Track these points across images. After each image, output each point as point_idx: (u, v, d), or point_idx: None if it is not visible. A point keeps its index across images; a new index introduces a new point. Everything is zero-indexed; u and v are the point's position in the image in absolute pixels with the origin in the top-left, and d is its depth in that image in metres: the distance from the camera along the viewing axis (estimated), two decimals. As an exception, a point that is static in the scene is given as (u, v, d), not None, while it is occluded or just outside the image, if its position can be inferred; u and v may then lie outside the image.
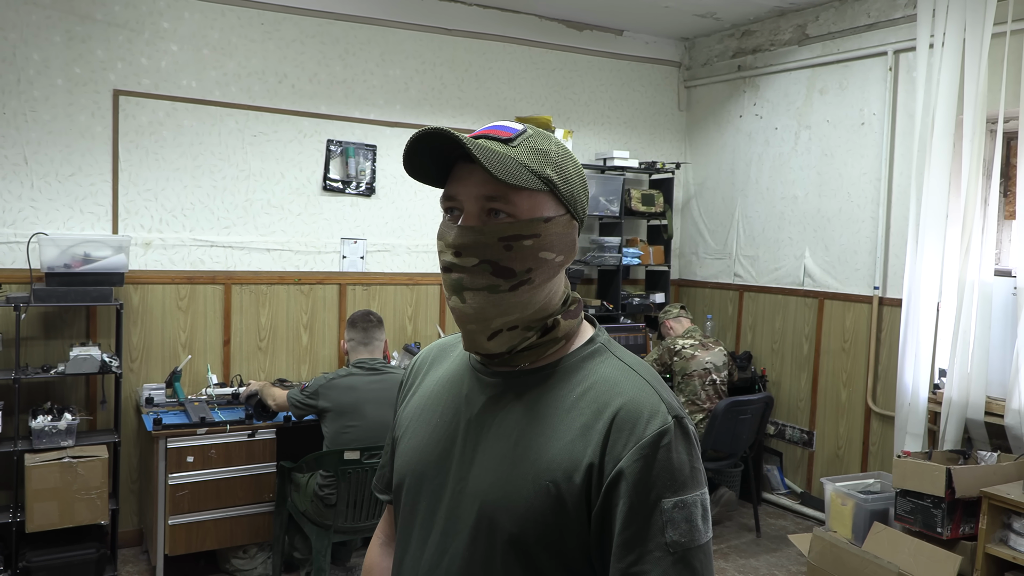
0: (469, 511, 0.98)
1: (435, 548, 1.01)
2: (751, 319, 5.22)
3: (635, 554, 0.89)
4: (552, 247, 0.99)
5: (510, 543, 0.94)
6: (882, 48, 4.38)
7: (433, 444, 1.06)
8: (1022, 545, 3.11)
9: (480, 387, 1.04)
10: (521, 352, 1.01)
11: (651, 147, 5.54)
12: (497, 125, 1.01)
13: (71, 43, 3.80)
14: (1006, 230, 3.98)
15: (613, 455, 0.92)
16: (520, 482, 0.95)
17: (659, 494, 0.90)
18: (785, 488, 4.97)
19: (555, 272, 1.01)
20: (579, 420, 0.95)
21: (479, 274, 0.97)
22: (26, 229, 3.74)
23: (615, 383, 0.97)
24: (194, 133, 4.09)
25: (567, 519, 0.93)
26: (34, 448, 3.47)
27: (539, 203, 0.98)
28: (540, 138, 1.01)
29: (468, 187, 0.97)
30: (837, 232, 4.65)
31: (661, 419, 0.93)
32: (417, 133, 0.94)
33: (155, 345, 4.07)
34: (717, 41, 5.40)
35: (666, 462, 0.91)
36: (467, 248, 0.97)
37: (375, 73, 4.54)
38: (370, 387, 3.34)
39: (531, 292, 0.98)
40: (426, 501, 1.04)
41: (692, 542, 0.90)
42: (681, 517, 0.90)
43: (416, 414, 1.11)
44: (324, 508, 3.30)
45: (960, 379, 3.78)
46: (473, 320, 0.99)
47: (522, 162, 0.96)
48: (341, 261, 4.50)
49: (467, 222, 0.97)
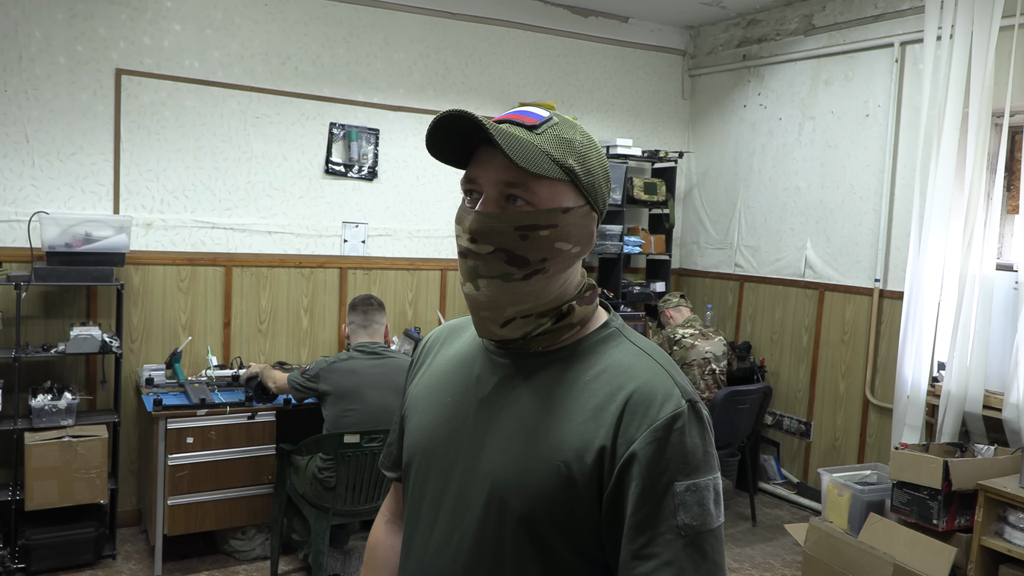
0: (480, 490, 0.98)
1: (445, 527, 1.01)
2: (751, 309, 5.22)
3: (646, 536, 0.90)
4: (569, 238, 0.98)
5: (520, 522, 0.95)
6: (889, 40, 4.35)
7: (443, 423, 1.06)
8: (1017, 538, 3.13)
9: (492, 367, 1.04)
10: (536, 337, 1.01)
11: (654, 135, 5.52)
12: (523, 110, 1.00)
13: (73, 21, 3.77)
14: (1008, 224, 3.98)
15: (626, 437, 0.92)
16: (531, 462, 0.95)
17: (672, 477, 0.90)
18: (782, 478, 4.99)
19: (571, 263, 1.00)
20: (592, 402, 0.95)
21: (493, 262, 0.97)
22: (27, 208, 3.73)
23: (629, 367, 0.97)
24: (196, 114, 4.07)
25: (578, 500, 0.93)
26: (34, 427, 3.48)
27: (559, 193, 0.97)
28: (565, 127, 1.00)
29: (488, 171, 0.97)
30: (839, 224, 4.64)
31: (675, 403, 0.93)
32: (440, 115, 0.94)
33: (155, 326, 4.07)
34: (722, 30, 5.38)
35: (679, 445, 0.91)
36: (482, 235, 0.96)
37: (379, 56, 4.52)
38: (371, 371, 3.35)
39: (545, 281, 0.98)
40: (435, 480, 1.04)
41: (704, 526, 0.90)
42: (693, 500, 0.90)
43: (426, 393, 1.11)
44: (323, 491, 3.31)
45: (959, 372, 3.79)
46: (486, 307, 0.99)
47: (545, 150, 0.95)
48: (342, 245, 4.50)
49: (485, 207, 0.97)
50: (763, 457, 5.06)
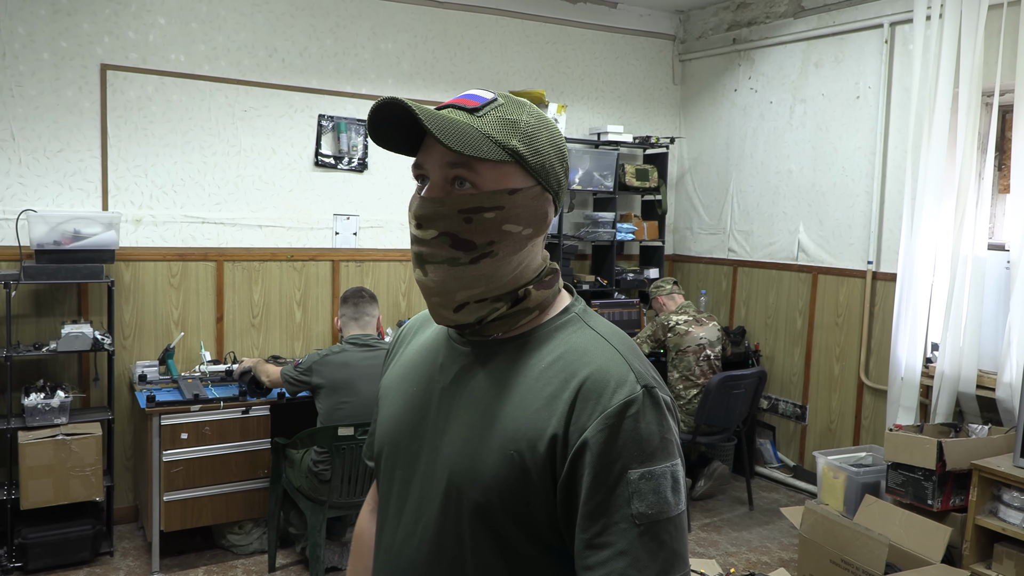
0: (440, 480, 0.98)
1: (410, 516, 1.02)
2: (745, 294, 5.22)
3: (599, 525, 0.88)
4: (518, 219, 0.97)
5: (476, 512, 0.94)
6: (878, 20, 4.33)
7: (409, 413, 1.06)
8: (1011, 516, 3.14)
9: (454, 356, 1.04)
10: (492, 323, 1.00)
11: (645, 121, 5.50)
12: (467, 94, 0.99)
13: (56, 16, 3.74)
14: (1000, 204, 3.98)
15: (578, 425, 0.90)
16: (486, 451, 0.94)
17: (625, 464, 0.88)
18: (778, 462, 5.01)
19: (522, 245, 0.99)
20: (547, 389, 0.94)
21: (438, 246, 0.96)
22: (15, 206, 3.71)
23: (584, 352, 0.95)
24: (183, 108, 4.04)
25: (532, 489, 0.92)
26: (27, 425, 3.47)
27: (505, 175, 0.96)
28: (511, 107, 0.98)
29: (432, 157, 0.96)
30: (831, 207, 4.64)
31: (629, 388, 0.90)
32: (375, 104, 0.93)
33: (147, 322, 4.06)
34: (712, 14, 5.35)
35: (633, 432, 0.89)
36: (427, 219, 0.96)
37: (366, 47, 4.49)
38: (364, 363, 3.34)
39: (495, 265, 0.97)
40: (402, 470, 1.04)
41: (661, 514, 0.88)
42: (648, 488, 0.88)
43: (395, 383, 1.11)
44: (319, 484, 3.31)
45: (952, 353, 3.79)
46: (436, 293, 0.98)
47: (485, 132, 0.94)
48: (334, 237, 4.48)
49: (430, 193, 0.96)
50: (759, 441, 5.08)
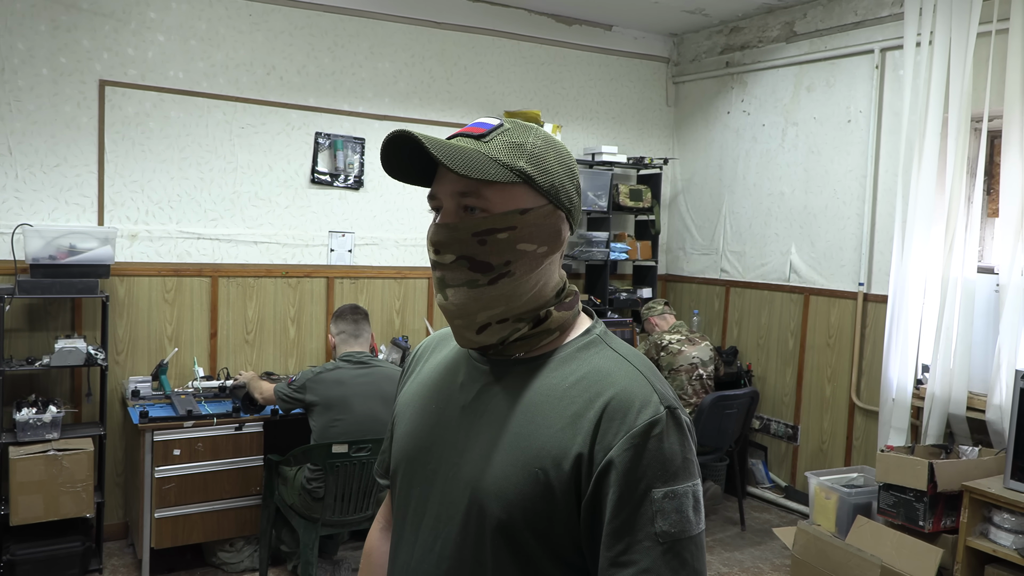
0: (461, 497, 0.99)
1: (428, 533, 1.03)
2: (737, 314, 5.25)
3: (624, 543, 0.90)
4: (532, 238, 0.99)
5: (499, 529, 0.95)
6: (869, 46, 4.40)
7: (427, 430, 1.07)
8: (1002, 538, 3.16)
9: (475, 375, 1.05)
10: (514, 343, 1.02)
11: (639, 142, 5.56)
12: (476, 123, 1.02)
13: (56, 32, 3.76)
14: (989, 227, 4.03)
15: (603, 444, 0.92)
16: (510, 469, 0.96)
17: (649, 484, 0.90)
18: (770, 482, 5.01)
19: (538, 263, 1.01)
20: (571, 409, 0.96)
21: (457, 270, 0.99)
22: (10, 220, 3.71)
23: (608, 373, 0.98)
24: (181, 124, 4.06)
25: (556, 507, 0.94)
26: (19, 441, 3.45)
27: (514, 196, 0.98)
28: (518, 131, 1.01)
29: (444, 186, 1.00)
30: (823, 228, 4.68)
31: (653, 409, 0.93)
32: (387, 137, 0.96)
33: (141, 338, 4.05)
34: (705, 37, 5.42)
35: (657, 452, 0.91)
36: (444, 245, 0.99)
37: (364, 66, 4.52)
38: (358, 381, 3.34)
39: (513, 284, 0.99)
40: (419, 487, 1.06)
41: (683, 533, 0.91)
42: (671, 507, 0.90)
43: (413, 400, 1.13)
44: (312, 501, 3.30)
45: (943, 375, 3.82)
46: (457, 316, 1.01)
47: (492, 157, 0.97)
48: (329, 254, 4.49)
49: (444, 219, 1.00)
50: (751, 461, 5.09)
